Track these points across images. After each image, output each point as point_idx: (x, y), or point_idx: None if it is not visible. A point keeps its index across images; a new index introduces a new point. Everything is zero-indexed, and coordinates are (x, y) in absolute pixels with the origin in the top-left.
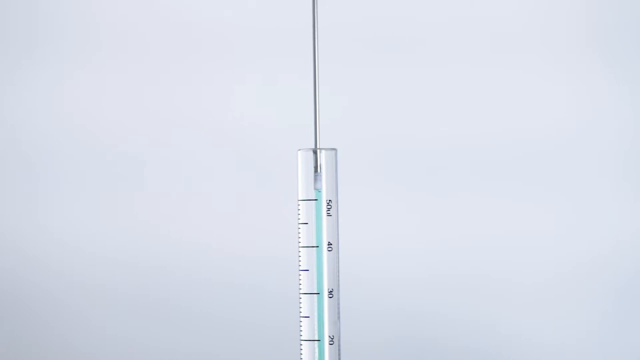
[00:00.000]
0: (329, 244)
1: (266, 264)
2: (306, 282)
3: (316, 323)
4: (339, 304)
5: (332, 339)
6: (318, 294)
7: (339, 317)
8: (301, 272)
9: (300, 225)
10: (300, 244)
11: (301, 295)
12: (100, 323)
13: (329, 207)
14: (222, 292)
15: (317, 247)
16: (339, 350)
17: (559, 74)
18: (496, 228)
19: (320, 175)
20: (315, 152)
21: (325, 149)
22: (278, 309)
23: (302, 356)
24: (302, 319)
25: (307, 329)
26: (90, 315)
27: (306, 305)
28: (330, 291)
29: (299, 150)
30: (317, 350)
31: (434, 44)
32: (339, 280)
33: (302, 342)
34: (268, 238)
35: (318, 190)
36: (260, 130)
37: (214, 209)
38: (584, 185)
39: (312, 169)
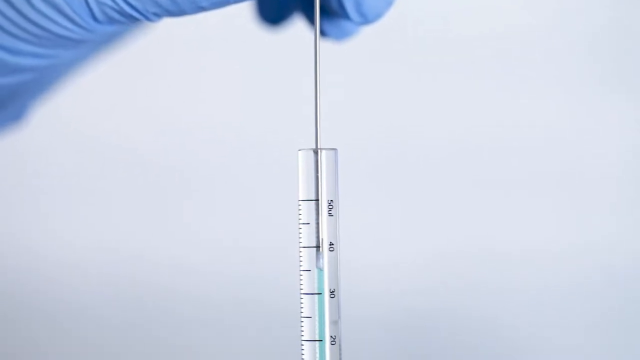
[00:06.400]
0: (330, 244)
1: (266, 264)
2: (307, 282)
3: (317, 323)
4: (340, 304)
5: (333, 339)
6: (319, 294)
7: (340, 317)
8: (302, 272)
9: (301, 226)
10: (301, 244)
11: (302, 296)
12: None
13: (330, 207)
14: (222, 292)
15: (318, 247)
16: (340, 350)
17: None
18: (498, 229)
19: (321, 175)
20: (316, 152)
21: (326, 149)
22: (278, 309)
23: (304, 356)
24: (303, 319)
25: (308, 329)
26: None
27: (307, 305)
28: (332, 291)
29: (300, 150)
30: (318, 350)
31: (435, 43)
32: (339, 280)
33: (304, 343)
34: (268, 238)
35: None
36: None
37: (213, 209)
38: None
39: (313, 169)
